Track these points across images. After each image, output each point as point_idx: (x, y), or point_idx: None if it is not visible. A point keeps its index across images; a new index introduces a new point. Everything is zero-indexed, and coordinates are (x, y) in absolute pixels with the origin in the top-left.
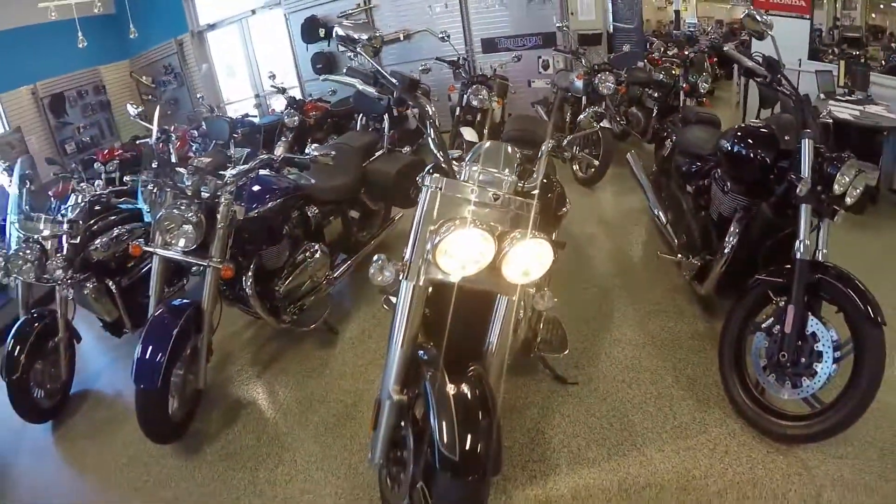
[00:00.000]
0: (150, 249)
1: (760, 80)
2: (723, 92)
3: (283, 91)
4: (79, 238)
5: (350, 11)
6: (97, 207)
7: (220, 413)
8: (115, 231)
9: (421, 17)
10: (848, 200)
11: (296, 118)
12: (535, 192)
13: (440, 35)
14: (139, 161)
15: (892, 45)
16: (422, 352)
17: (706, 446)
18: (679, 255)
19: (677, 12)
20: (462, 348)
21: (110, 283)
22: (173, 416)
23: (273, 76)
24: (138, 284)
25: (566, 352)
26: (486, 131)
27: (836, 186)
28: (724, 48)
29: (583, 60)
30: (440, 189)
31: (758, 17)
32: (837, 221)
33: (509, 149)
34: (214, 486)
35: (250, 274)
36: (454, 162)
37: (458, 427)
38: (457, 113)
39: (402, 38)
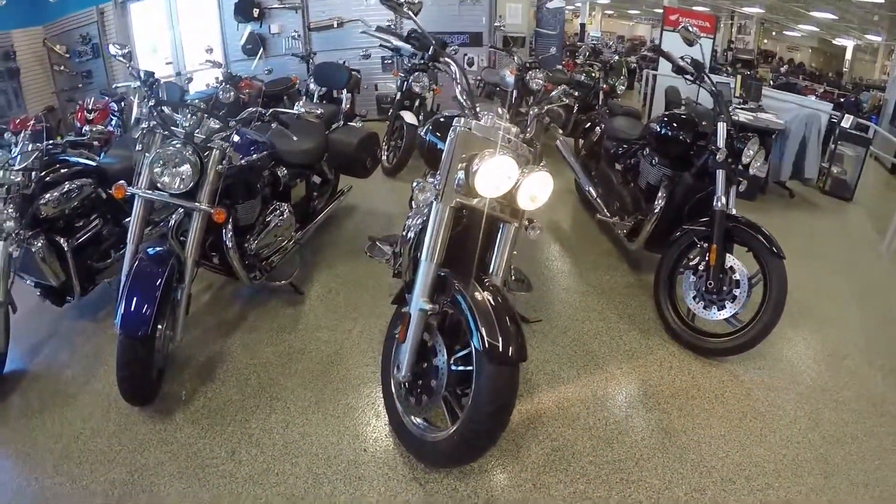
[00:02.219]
0: (137, 191)
1: (688, 77)
2: (626, 99)
3: (219, 66)
4: (31, 188)
5: None
6: (46, 158)
7: (192, 373)
8: (66, 185)
9: (354, 7)
10: (751, 170)
11: (231, 94)
12: (534, 140)
13: (391, 44)
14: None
15: (780, 67)
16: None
17: (654, 363)
18: (614, 218)
19: (583, 25)
20: (465, 268)
21: (62, 241)
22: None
23: (210, 50)
24: (86, 247)
25: (532, 290)
26: (421, 117)
27: (743, 157)
28: (662, 49)
29: (515, 58)
30: (469, 129)
31: (690, 30)
32: (741, 189)
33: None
34: (203, 443)
35: (230, 226)
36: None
37: (498, 322)
38: (397, 97)
39: (335, 26)
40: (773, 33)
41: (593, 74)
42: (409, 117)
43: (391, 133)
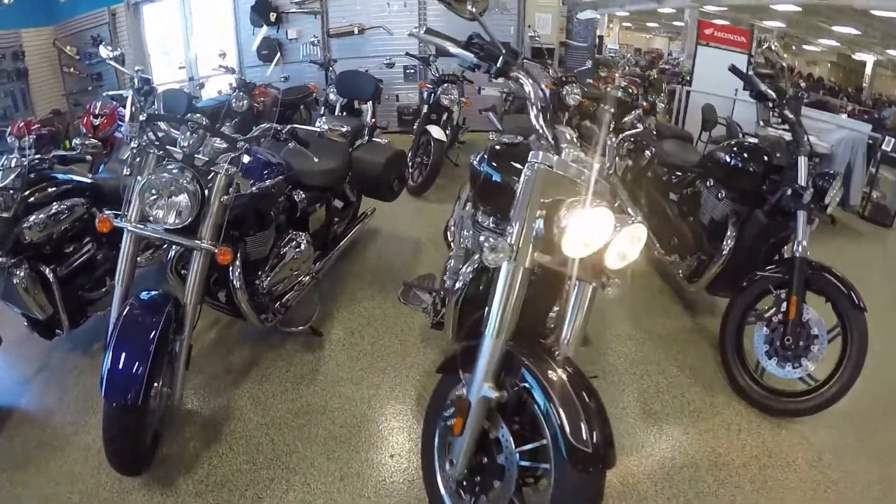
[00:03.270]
0: (126, 225)
1: (769, 103)
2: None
3: (232, 71)
4: (12, 211)
5: None
6: (31, 175)
7: (195, 431)
8: (54, 207)
9: (377, 13)
10: (829, 210)
11: (244, 102)
12: (613, 177)
13: (432, 53)
14: (58, 138)
15: (801, 82)
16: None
17: (722, 426)
18: (673, 256)
19: (601, 37)
20: (525, 334)
21: (47, 271)
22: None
23: (224, 55)
24: (76, 275)
25: (589, 345)
26: (447, 131)
27: (827, 198)
28: (741, 71)
29: (549, 71)
30: (550, 167)
31: (773, 49)
32: (814, 227)
33: (571, 135)
34: None
35: (238, 262)
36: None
37: (584, 416)
38: (423, 111)
39: (355, 32)
40: (794, 47)
41: (630, 90)
42: (436, 132)
43: (416, 149)
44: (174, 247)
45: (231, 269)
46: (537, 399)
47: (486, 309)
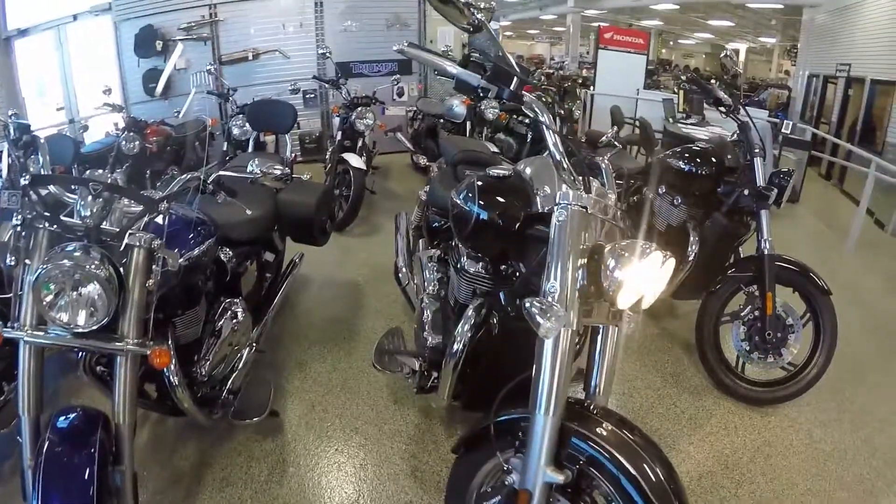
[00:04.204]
0: (20, 334)
1: (724, 109)
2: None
3: (120, 109)
4: None
5: (192, 24)
6: None
7: None
8: None
9: (272, 36)
10: (782, 205)
11: (136, 143)
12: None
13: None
14: None
15: (681, 75)
16: None
17: (719, 428)
18: None
19: None
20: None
21: None
22: None
23: (109, 91)
24: None
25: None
26: (363, 158)
27: (785, 195)
28: (699, 80)
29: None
30: (584, 208)
31: (733, 59)
32: None
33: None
34: None
35: (172, 352)
36: None
37: (655, 469)
38: (338, 138)
39: (249, 58)
40: (671, 42)
41: (544, 99)
42: (354, 161)
43: (333, 179)
44: None
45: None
46: (608, 468)
47: (525, 382)
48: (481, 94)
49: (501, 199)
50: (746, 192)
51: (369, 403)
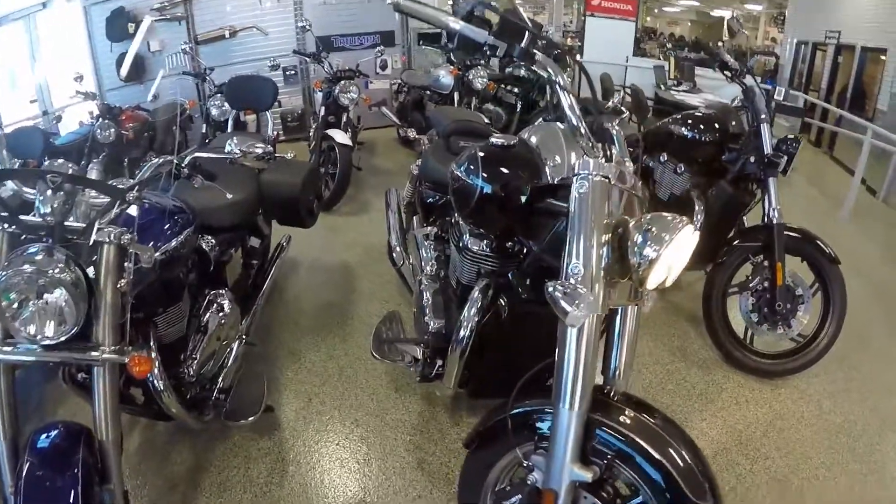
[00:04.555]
0: None
1: (729, 73)
2: None
3: (93, 97)
4: None
5: (165, 3)
6: None
7: None
8: None
9: (248, 12)
10: (787, 172)
11: (111, 131)
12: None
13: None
14: None
15: (666, 43)
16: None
17: (731, 402)
18: None
19: None
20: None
21: None
22: None
23: (81, 78)
24: None
25: None
26: (349, 133)
27: (793, 162)
28: (707, 45)
29: (451, 56)
30: (607, 178)
31: (739, 21)
32: None
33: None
34: None
35: (158, 361)
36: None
37: (685, 457)
38: (321, 114)
39: (226, 36)
40: (655, 10)
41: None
42: (340, 137)
43: (318, 158)
44: None
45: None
46: (636, 460)
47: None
48: (487, 52)
49: (507, 171)
50: (753, 159)
51: (368, 393)
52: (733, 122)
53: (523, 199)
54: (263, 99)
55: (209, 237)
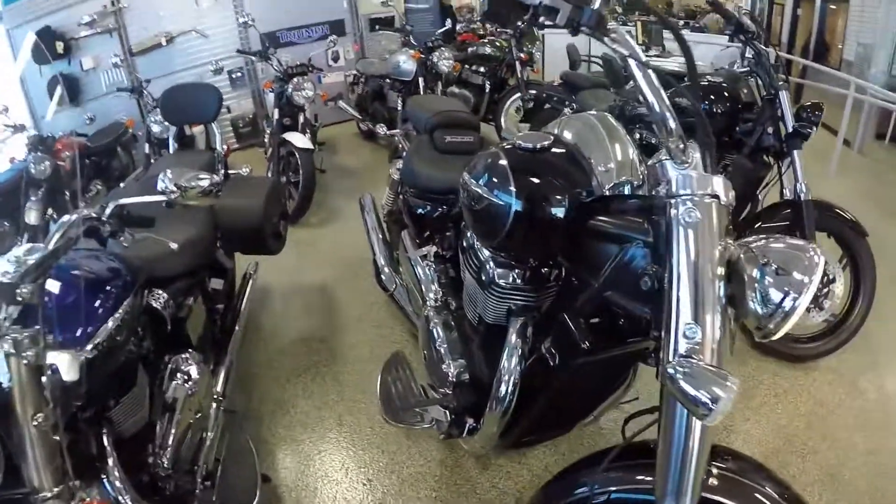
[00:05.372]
0: None
1: (746, 36)
2: None
3: (21, 129)
4: None
5: (94, 16)
6: None
7: None
8: None
9: (185, 16)
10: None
11: (46, 164)
12: None
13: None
14: None
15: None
16: None
17: (770, 395)
18: None
19: None
20: None
21: None
22: None
23: (6, 110)
24: None
25: None
26: (308, 136)
27: (814, 130)
28: (720, 3)
29: (411, 39)
30: (717, 197)
31: None
32: None
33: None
34: None
35: (112, 462)
36: None
37: None
38: (275, 117)
39: (163, 44)
40: None
41: (497, 44)
42: (299, 140)
43: (277, 167)
44: None
45: (106, 478)
46: None
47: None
48: (542, 19)
49: (548, 182)
50: (771, 130)
51: (376, 444)
52: (744, 91)
53: (572, 217)
54: (206, 109)
55: (159, 292)
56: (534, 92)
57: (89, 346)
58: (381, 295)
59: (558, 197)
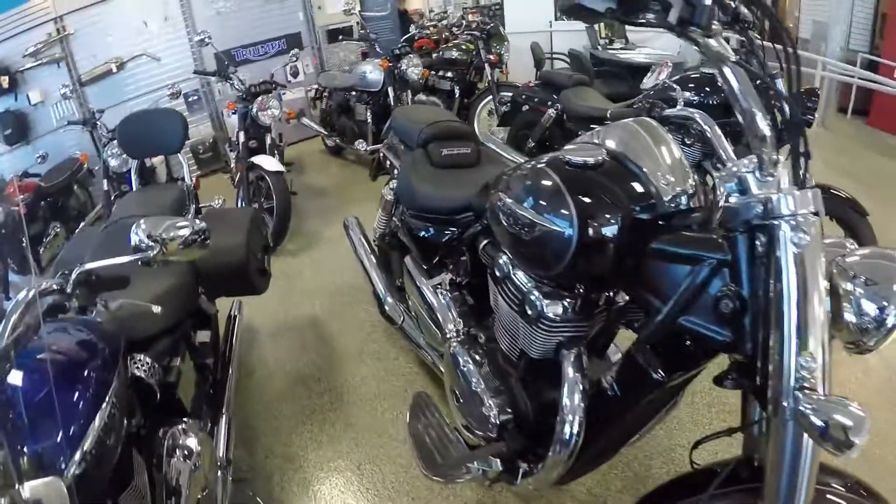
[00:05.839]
0: None
1: (742, 26)
2: None
3: None
4: None
5: (39, 46)
6: None
7: None
8: None
9: (134, 39)
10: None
11: None
12: None
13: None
14: None
15: None
16: None
17: None
18: None
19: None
20: None
21: None
22: None
23: None
24: None
25: None
26: (276, 156)
27: (816, 116)
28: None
29: (377, 47)
30: (815, 213)
31: None
32: None
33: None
34: None
35: None
36: None
37: None
38: (240, 139)
39: (114, 70)
40: None
41: (464, 47)
42: (269, 163)
43: (248, 193)
44: None
45: None
46: None
47: None
48: (647, 17)
49: (609, 202)
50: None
51: (405, 491)
52: None
53: (634, 240)
54: (170, 139)
55: (140, 357)
56: (510, 94)
57: (77, 457)
58: (378, 323)
59: (622, 218)
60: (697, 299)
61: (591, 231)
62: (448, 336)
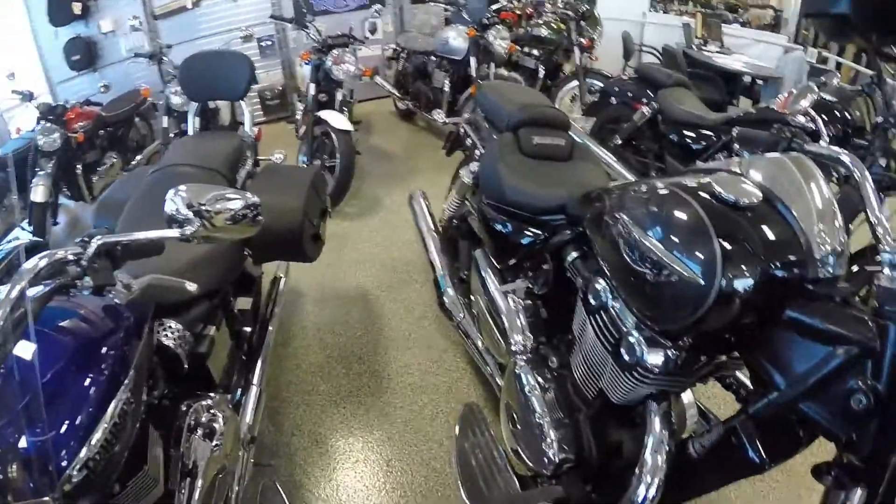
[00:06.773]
0: None
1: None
2: None
3: (30, 97)
4: None
5: None
6: None
7: None
8: None
9: None
10: None
11: (56, 136)
12: None
13: None
14: None
15: None
16: None
17: None
18: None
19: None
20: None
21: None
22: None
23: (12, 75)
24: None
25: None
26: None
27: None
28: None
29: (464, 13)
30: None
31: None
32: None
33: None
34: None
35: None
36: None
37: None
38: (311, 92)
39: (189, 6)
40: None
41: (554, 25)
42: (337, 121)
43: (312, 149)
44: None
45: None
46: None
47: None
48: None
49: (761, 255)
50: (883, 162)
51: (433, 498)
52: (857, 113)
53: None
54: (234, 84)
55: (172, 324)
56: (598, 83)
57: (83, 454)
58: (431, 308)
59: (766, 273)
60: (828, 386)
61: (734, 286)
62: (514, 349)
